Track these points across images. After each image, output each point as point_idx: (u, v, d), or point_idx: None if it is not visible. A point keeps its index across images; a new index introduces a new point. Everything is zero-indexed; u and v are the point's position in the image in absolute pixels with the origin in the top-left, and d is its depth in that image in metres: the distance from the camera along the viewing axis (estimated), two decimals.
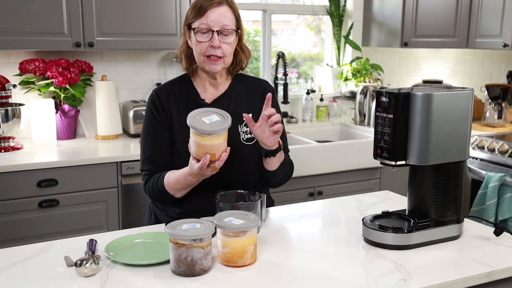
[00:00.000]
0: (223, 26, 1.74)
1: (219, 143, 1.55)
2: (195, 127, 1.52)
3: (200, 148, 1.55)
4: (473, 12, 3.54)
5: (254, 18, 3.76)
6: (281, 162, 1.80)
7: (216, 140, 1.54)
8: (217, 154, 1.56)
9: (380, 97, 1.55)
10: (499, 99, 3.57)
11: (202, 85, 1.87)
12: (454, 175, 1.59)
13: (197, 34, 1.75)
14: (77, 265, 1.34)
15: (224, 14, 1.74)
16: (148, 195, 1.85)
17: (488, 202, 3.06)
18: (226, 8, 1.75)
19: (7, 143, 2.80)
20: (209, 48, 1.74)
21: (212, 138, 1.54)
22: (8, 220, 2.56)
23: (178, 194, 1.78)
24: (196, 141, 1.55)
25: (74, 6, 2.79)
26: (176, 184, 1.74)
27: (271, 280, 1.34)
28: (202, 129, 1.52)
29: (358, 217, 1.78)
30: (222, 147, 1.57)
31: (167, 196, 1.79)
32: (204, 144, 1.54)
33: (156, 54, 3.38)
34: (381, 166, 3.28)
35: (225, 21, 1.74)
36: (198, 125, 1.53)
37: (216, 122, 1.55)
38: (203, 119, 1.55)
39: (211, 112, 1.58)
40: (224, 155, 1.59)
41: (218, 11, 1.73)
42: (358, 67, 3.83)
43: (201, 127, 1.52)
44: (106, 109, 3.07)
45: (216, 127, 1.53)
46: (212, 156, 1.55)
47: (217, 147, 1.55)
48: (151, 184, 1.81)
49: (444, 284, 1.34)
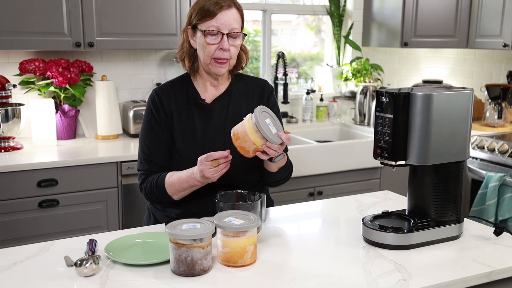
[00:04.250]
0: (232, 29, 1.74)
1: (251, 139, 1.58)
2: (258, 117, 1.56)
3: (241, 126, 1.59)
4: (473, 12, 3.54)
5: (254, 18, 3.76)
6: (282, 165, 1.81)
7: (253, 136, 1.58)
8: (239, 141, 1.59)
9: (380, 97, 1.55)
10: (499, 99, 3.57)
11: (203, 85, 1.87)
12: (454, 175, 1.59)
13: (207, 36, 1.74)
14: (77, 265, 1.34)
15: (233, 16, 1.74)
16: (144, 194, 1.85)
17: (488, 202, 3.06)
18: (234, 11, 1.75)
19: (7, 143, 2.80)
20: (218, 50, 1.74)
21: (253, 132, 1.57)
22: (8, 220, 2.56)
23: (176, 196, 1.78)
24: (244, 122, 1.59)
25: (74, 6, 2.79)
26: (178, 185, 1.74)
27: (271, 280, 1.34)
28: (258, 121, 1.56)
29: (358, 217, 1.78)
30: (247, 144, 1.59)
31: (165, 197, 1.79)
32: (246, 129, 1.58)
33: (156, 54, 3.38)
34: (381, 166, 3.28)
35: (234, 23, 1.74)
36: (262, 120, 1.58)
37: (270, 128, 1.60)
38: (266, 120, 1.60)
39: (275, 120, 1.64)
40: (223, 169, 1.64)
41: (228, 13, 1.73)
42: (358, 67, 3.83)
43: (262, 119, 1.57)
44: (106, 109, 3.07)
45: (269, 132, 1.58)
46: (235, 137, 1.60)
47: (246, 139, 1.58)
48: (149, 184, 1.81)
49: (444, 284, 1.34)
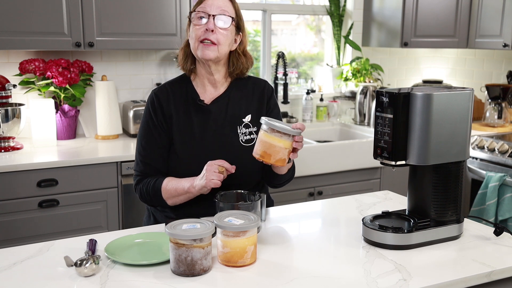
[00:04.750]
0: (220, 11, 1.74)
1: (281, 146, 1.54)
2: (269, 121, 1.55)
3: (262, 144, 1.56)
4: (473, 12, 3.54)
5: (254, 18, 3.76)
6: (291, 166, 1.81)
7: (281, 143, 1.54)
8: (273, 156, 1.54)
9: (380, 97, 1.55)
10: (499, 99, 3.57)
11: (202, 85, 1.86)
12: (454, 175, 1.59)
13: (194, 19, 1.75)
14: (77, 265, 1.34)
15: (223, 2, 1.76)
16: (138, 195, 1.85)
17: (488, 202, 3.06)
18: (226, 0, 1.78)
19: (7, 143, 2.79)
20: (203, 32, 1.73)
21: (279, 139, 1.54)
22: (8, 220, 2.56)
23: (170, 201, 1.78)
24: (260, 137, 1.57)
25: (74, 6, 2.79)
26: (174, 190, 1.75)
27: (271, 280, 1.34)
28: (274, 124, 1.54)
29: (358, 217, 1.78)
30: (281, 153, 1.55)
31: (159, 201, 1.80)
32: (269, 142, 1.54)
33: (156, 54, 3.38)
34: (381, 166, 3.27)
35: (223, 7, 1.75)
36: (275, 122, 1.56)
37: (288, 126, 1.57)
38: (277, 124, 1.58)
39: (285, 123, 1.62)
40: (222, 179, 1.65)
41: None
42: (358, 67, 3.83)
43: (273, 122, 1.55)
44: (106, 109, 3.07)
45: (287, 128, 1.55)
46: (267, 157, 1.55)
47: (277, 150, 1.54)
48: (145, 187, 1.81)
49: (444, 284, 1.34)
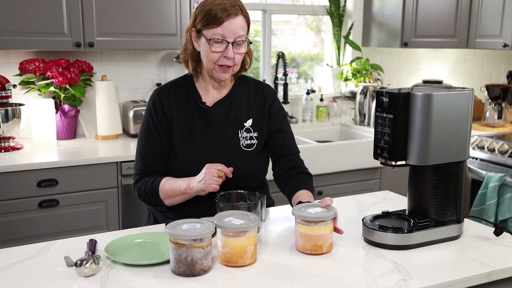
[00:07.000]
0: (237, 37, 1.71)
1: (326, 233, 1.50)
2: (301, 215, 1.50)
3: (307, 239, 1.50)
4: (473, 12, 3.54)
5: (254, 18, 3.76)
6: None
7: (323, 230, 1.49)
8: (324, 245, 1.50)
9: (380, 97, 1.55)
10: (499, 99, 3.57)
11: (205, 87, 1.85)
12: (454, 175, 1.59)
13: (212, 44, 1.71)
14: (77, 265, 1.34)
15: (239, 24, 1.71)
16: (137, 193, 1.86)
17: (488, 202, 3.06)
18: (241, 19, 1.72)
19: (7, 143, 2.79)
20: (222, 58, 1.72)
21: (319, 228, 1.49)
22: (8, 220, 2.56)
23: (167, 201, 1.78)
24: (302, 232, 1.51)
25: (74, 6, 2.79)
26: (171, 190, 1.75)
27: (271, 280, 1.34)
28: (308, 216, 1.49)
29: (358, 217, 1.78)
30: (329, 238, 1.51)
31: (157, 201, 1.80)
32: (311, 234, 1.49)
33: (156, 54, 3.38)
34: (381, 166, 3.27)
35: (240, 31, 1.71)
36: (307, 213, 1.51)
37: (322, 212, 1.53)
38: (308, 210, 1.54)
39: (315, 205, 1.57)
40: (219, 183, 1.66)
41: (235, 22, 1.69)
42: (358, 67, 3.83)
43: (309, 214, 1.50)
44: (106, 109, 3.06)
45: (323, 214, 1.51)
46: (319, 249, 1.49)
47: (325, 238, 1.50)
48: (143, 186, 1.81)
49: (444, 284, 1.34)
